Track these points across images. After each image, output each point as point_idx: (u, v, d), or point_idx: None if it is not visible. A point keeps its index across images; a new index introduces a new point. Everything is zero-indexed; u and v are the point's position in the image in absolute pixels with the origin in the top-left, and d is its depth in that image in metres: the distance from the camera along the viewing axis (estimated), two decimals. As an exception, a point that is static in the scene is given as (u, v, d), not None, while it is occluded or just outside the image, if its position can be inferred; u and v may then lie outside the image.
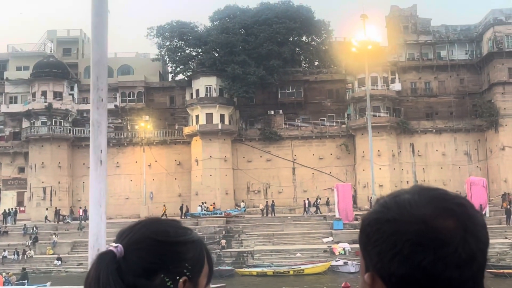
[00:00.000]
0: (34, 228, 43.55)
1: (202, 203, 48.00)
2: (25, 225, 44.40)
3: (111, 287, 1.11)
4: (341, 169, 54.12)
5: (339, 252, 36.69)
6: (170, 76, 60.71)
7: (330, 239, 39.65)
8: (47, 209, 49.64)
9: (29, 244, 40.91)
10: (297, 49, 58.17)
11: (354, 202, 52.19)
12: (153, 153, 54.13)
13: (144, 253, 1.16)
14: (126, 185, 54.49)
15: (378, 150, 51.29)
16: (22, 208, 52.99)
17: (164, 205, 50.15)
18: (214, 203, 48.84)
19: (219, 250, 38.77)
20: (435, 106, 54.88)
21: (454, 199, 1.02)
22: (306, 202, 47.81)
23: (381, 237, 1.00)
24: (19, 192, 54.46)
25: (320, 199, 50.20)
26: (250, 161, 54.37)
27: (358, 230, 1.07)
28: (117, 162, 54.68)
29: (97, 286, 1.12)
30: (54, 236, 41.25)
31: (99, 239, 2.49)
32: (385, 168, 51.34)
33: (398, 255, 0.97)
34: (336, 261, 33.94)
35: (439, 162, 53.12)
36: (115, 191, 54.29)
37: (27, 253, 38.98)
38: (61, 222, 47.16)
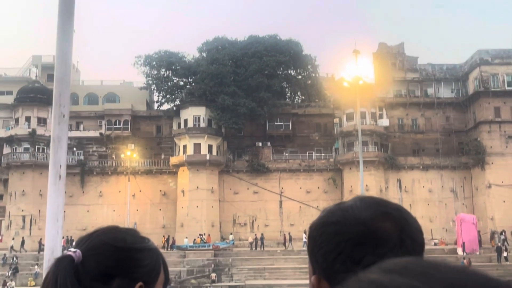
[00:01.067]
0: (14, 258, 41.77)
1: (200, 234, 47.21)
2: (4, 254, 42.60)
3: None
4: (329, 203, 51.68)
5: None
6: (156, 105, 60.14)
7: (322, 274, 38.92)
8: (22, 238, 47.88)
9: (9, 274, 39.14)
10: (284, 82, 58.33)
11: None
12: (138, 183, 52.98)
13: (102, 258, 1.19)
14: (108, 215, 52.98)
15: (366, 185, 51.02)
16: (-1, 237, 51.02)
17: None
18: (209, 235, 48.00)
19: (209, 285, 37.72)
20: (422, 142, 55.39)
21: (392, 205, 1.11)
22: (287, 235, 47.61)
23: (326, 238, 1.07)
24: (-4, 220, 52.47)
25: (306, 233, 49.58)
26: (237, 193, 53.65)
27: None
28: (100, 192, 53.38)
29: None
30: (36, 266, 39.56)
31: (55, 252, 2.43)
32: (373, 203, 51.15)
33: (341, 254, 1.04)
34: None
35: (426, 199, 53.31)
36: (97, 221, 52.59)
37: (7, 284, 37.20)
38: (41, 252, 45.31)
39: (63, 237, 40.74)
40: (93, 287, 1.16)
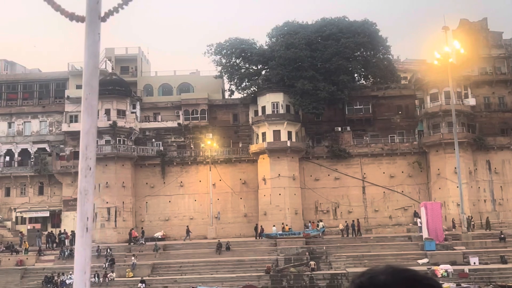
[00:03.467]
0: (108, 250, 41.91)
1: (283, 224, 46.23)
2: (98, 246, 42.78)
3: None
4: (414, 188, 51.99)
5: (441, 274, 34.51)
6: (227, 94, 59.36)
7: (425, 260, 37.46)
8: (130, 230, 48.17)
9: (106, 266, 39.23)
10: (361, 64, 56.50)
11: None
12: (218, 172, 52.49)
13: None
14: (190, 205, 52.83)
15: (455, 167, 49.10)
16: (84, 229, 51.42)
17: (132, 229, 48.00)
18: (286, 225, 47.09)
19: (309, 272, 36.77)
20: (510, 121, 52.78)
21: (424, 279, 1.11)
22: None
23: None
24: (80, 213, 52.95)
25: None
26: (318, 180, 52.48)
27: (447, 252, 1.19)
28: (181, 182, 53.17)
29: None
30: (133, 258, 39.51)
31: None
32: (462, 186, 49.05)
33: None
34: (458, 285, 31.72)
35: (517, 180, 50.85)
36: (179, 211, 52.75)
37: (108, 275, 37.25)
38: (132, 244, 45.50)
39: (132, 229, 40.58)
40: None
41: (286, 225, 46.96)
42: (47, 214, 52.59)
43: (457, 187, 48.41)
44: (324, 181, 52.50)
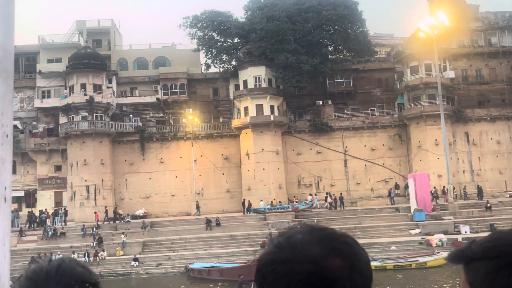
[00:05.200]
0: (94, 229, 40.61)
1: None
2: (83, 225, 41.40)
3: None
4: (395, 160, 52.54)
5: (436, 244, 35.05)
6: (203, 67, 57.96)
7: (417, 230, 37.97)
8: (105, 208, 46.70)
9: (94, 245, 38.00)
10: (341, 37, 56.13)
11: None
12: (200, 147, 51.53)
13: None
14: (171, 182, 51.78)
15: (436, 139, 49.93)
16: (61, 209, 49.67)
17: (95, 212, 45.10)
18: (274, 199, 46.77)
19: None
20: (487, 93, 53.82)
21: (341, 237, 1.12)
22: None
23: (276, 277, 1.07)
24: (57, 192, 51.15)
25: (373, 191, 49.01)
26: (300, 154, 52.32)
27: (438, 222, 1.16)
28: (161, 158, 51.98)
29: None
30: (123, 235, 38.38)
31: (2, 278, 1.51)
32: (442, 158, 49.79)
33: None
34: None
35: (494, 151, 52.08)
36: (160, 188, 51.65)
37: (99, 254, 36.10)
38: (117, 222, 44.26)
39: (103, 209, 38.85)
40: None
41: (274, 199, 46.64)
42: (22, 193, 50.46)
43: (438, 158, 49.37)
44: (307, 155, 52.37)
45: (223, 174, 52.26)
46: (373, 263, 31.51)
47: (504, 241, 1.10)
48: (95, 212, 45.23)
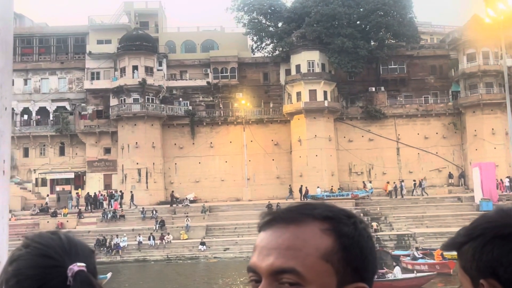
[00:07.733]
0: (154, 212, 40.13)
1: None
2: (143, 208, 40.92)
3: None
4: (448, 149, 51.49)
5: (511, 234, 34.10)
6: (250, 52, 56.96)
7: (487, 220, 37.03)
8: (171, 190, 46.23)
9: (157, 228, 37.52)
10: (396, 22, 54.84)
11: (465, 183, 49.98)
12: (250, 132, 50.80)
13: None
14: (221, 167, 51.14)
15: (492, 129, 48.88)
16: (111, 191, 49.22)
17: (172, 191, 46.65)
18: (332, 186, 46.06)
19: (374, 234, 35.86)
20: (544, 83, 52.43)
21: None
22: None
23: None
24: (106, 175, 50.72)
25: (425, 180, 48.19)
26: (352, 141, 51.44)
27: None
28: (211, 143, 51.34)
29: None
30: (186, 219, 37.85)
31: (1, 251, 2.07)
32: (500, 148, 48.86)
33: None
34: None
35: (551, 142, 50.82)
36: (209, 173, 51.03)
37: (165, 237, 35.60)
38: (174, 205, 43.75)
39: (172, 191, 38.10)
40: None
41: (332, 186, 45.91)
42: (71, 175, 50.16)
43: (495, 148, 48.38)
44: (358, 142, 51.48)
45: (273, 160, 51.55)
46: (449, 253, 30.56)
47: (485, 219, 1.11)
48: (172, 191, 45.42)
